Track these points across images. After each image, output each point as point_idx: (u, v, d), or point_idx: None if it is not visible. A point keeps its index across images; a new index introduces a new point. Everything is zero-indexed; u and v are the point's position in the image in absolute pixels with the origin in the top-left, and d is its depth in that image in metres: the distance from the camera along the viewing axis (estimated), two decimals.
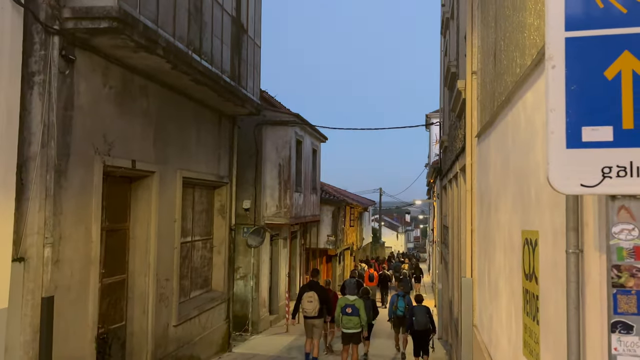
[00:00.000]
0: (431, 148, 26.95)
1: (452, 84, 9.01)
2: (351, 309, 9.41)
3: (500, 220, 4.26)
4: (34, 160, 5.81)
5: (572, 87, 1.70)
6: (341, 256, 25.52)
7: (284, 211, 14.06)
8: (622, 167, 1.64)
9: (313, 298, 9.79)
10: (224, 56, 9.61)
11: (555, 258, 2.47)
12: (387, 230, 60.85)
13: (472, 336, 5.95)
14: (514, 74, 3.63)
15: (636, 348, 1.60)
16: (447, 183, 11.22)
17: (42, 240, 5.83)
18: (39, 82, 5.86)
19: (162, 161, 8.62)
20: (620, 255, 1.63)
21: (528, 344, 3.10)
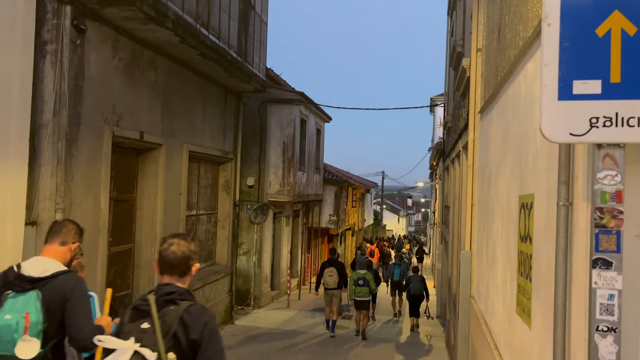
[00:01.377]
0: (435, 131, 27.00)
1: (457, 63, 9.08)
2: (362, 281, 11.27)
3: (499, 190, 4.40)
4: (46, 128, 5.96)
5: (566, 43, 1.83)
6: (342, 236, 25.76)
7: (287, 189, 14.22)
8: (608, 118, 1.78)
9: (333, 272, 11.24)
10: (231, 31, 9.69)
11: (549, 216, 2.62)
12: (388, 214, 61.15)
13: (469, 307, 6.14)
14: (517, 47, 3.74)
15: (614, 282, 1.76)
16: (450, 163, 11.35)
17: (53, 206, 6.00)
18: (51, 51, 5.97)
19: (169, 134, 8.77)
20: (604, 199, 1.78)
21: (521, 302, 3.27)
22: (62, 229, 3.04)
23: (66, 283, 2.78)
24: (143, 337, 2.23)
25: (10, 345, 2.60)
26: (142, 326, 2.27)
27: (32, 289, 2.74)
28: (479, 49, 6.13)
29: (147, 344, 2.21)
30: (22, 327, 2.62)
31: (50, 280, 2.77)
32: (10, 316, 2.63)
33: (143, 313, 2.33)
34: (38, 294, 2.72)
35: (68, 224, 3.11)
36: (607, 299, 1.76)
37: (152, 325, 2.26)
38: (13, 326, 2.60)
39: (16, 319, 2.62)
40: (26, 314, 2.64)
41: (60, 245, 2.97)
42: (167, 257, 2.42)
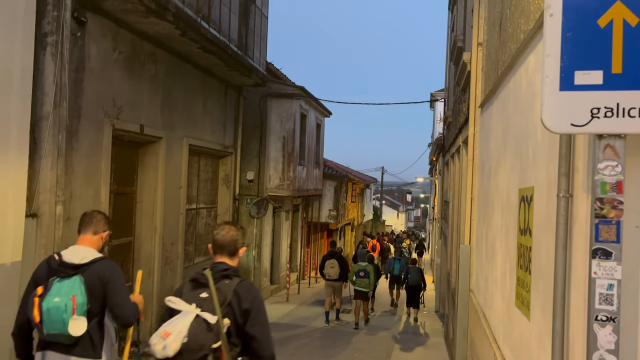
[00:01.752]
0: (435, 127, 26.99)
1: (458, 58, 9.08)
2: (363, 272, 11.84)
3: (499, 184, 4.41)
4: (47, 120, 5.95)
5: (568, 34, 1.83)
6: (342, 231, 25.78)
7: (286, 184, 14.22)
8: (609, 108, 1.79)
9: (334, 264, 11.84)
10: (232, 25, 9.67)
11: (549, 208, 2.63)
12: (388, 209, 61.18)
13: (469, 300, 6.16)
14: (518, 40, 3.74)
15: (613, 272, 1.77)
16: (450, 158, 11.36)
17: (54, 198, 6.01)
18: (52, 43, 5.96)
19: (169, 128, 8.77)
20: (604, 189, 1.79)
21: (520, 295, 3.29)
22: (92, 220, 3.36)
23: (104, 269, 3.16)
24: (203, 304, 2.63)
25: (61, 324, 2.94)
26: (201, 295, 2.66)
27: (75, 274, 3.08)
28: (479, 43, 6.13)
29: (206, 309, 2.60)
30: (70, 308, 2.96)
31: (90, 266, 3.13)
32: (59, 299, 2.96)
33: (200, 284, 2.73)
34: (81, 278, 3.07)
35: (97, 215, 3.42)
36: (606, 289, 1.77)
37: (210, 295, 2.65)
38: (62, 307, 2.94)
39: (64, 301, 2.96)
40: (72, 296, 2.98)
41: (93, 235, 3.31)
42: (219, 240, 2.84)
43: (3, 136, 5.40)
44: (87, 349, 3.08)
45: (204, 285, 2.71)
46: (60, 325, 2.94)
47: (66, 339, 3.00)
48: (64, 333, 2.96)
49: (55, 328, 2.96)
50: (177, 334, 2.54)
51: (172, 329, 2.56)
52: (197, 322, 2.57)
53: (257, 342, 2.66)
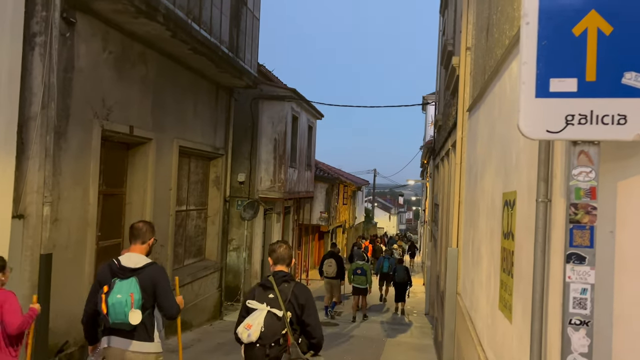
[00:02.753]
0: (426, 130, 27.08)
1: (447, 62, 9.13)
2: (360, 270, 13.25)
3: (484, 188, 4.45)
4: (35, 121, 5.93)
5: (543, 42, 1.86)
6: (333, 233, 25.81)
7: (278, 186, 14.23)
8: (583, 115, 1.82)
9: (332, 263, 13.00)
10: (223, 27, 9.67)
11: (530, 213, 2.66)
12: (379, 211, 61.28)
13: (456, 303, 6.20)
14: (503, 45, 3.78)
15: (587, 276, 1.80)
16: (440, 161, 11.42)
17: (41, 199, 5.98)
18: (40, 43, 5.94)
19: (159, 129, 8.75)
20: (578, 195, 1.82)
21: (503, 298, 3.32)
22: (139, 232, 4.05)
23: (154, 272, 3.91)
24: (271, 302, 3.63)
25: (123, 315, 3.72)
26: (270, 296, 3.67)
27: (132, 276, 3.83)
28: (468, 47, 6.18)
29: (274, 306, 3.62)
30: (130, 303, 3.71)
31: (142, 270, 3.88)
32: (121, 296, 3.73)
33: (267, 288, 3.73)
34: (136, 279, 3.81)
35: (142, 226, 4.11)
36: (580, 293, 1.80)
37: (275, 295, 3.65)
38: (123, 302, 3.70)
39: (125, 298, 3.72)
40: (131, 294, 3.74)
41: (142, 244, 4.02)
42: (280, 254, 3.88)
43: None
44: (142, 333, 3.86)
45: (270, 288, 3.72)
46: (123, 316, 3.71)
47: (127, 326, 3.77)
48: (125, 322, 3.72)
49: (119, 318, 3.72)
50: (256, 325, 3.54)
51: (252, 322, 3.56)
52: (270, 315, 3.58)
53: (311, 327, 3.69)
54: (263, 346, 3.54)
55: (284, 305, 3.61)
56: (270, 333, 3.54)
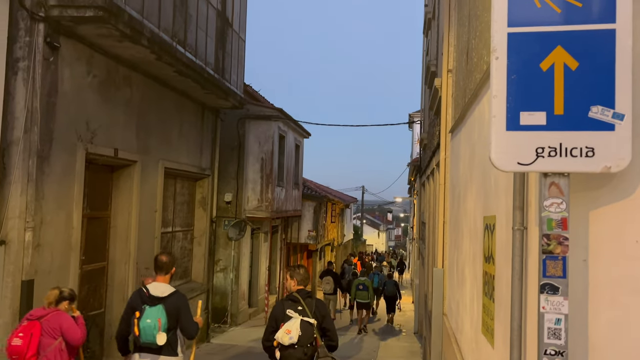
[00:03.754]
0: (413, 147, 27.26)
1: (431, 82, 9.25)
2: (362, 286, 14.34)
3: (467, 210, 4.48)
4: (17, 145, 5.90)
5: (513, 76, 1.91)
6: (322, 252, 25.71)
7: (265, 205, 14.19)
8: (553, 148, 1.86)
9: (330, 281, 14.67)
10: (208, 49, 9.73)
11: (508, 238, 2.69)
12: (368, 228, 61.24)
13: (442, 324, 6.19)
14: (482, 70, 3.84)
15: (560, 307, 1.81)
16: (426, 179, 11.49)
17: (23, 224, 5.92)
18: (24, 68, 5.94)
19: (144, 151, 8.72)
20: (550, 226, 1.85)
21: (485, 322, 3.33)
22: (164, 265, 4.76)
23: (177, 300, 4.62)
24: (301, 312, 4.51)
25: (152, 337, 4.44)
26: (298, 308, 4.54)
27: (159, 304, 4.53)
28: (449, 70, 6.27)
29: (305, 316, 4.48)
30: (157, 326, 4.43)
31: (168, 298, 4.58)
32: (150, 320, 4.46)
33: (295, 301, 4.59)
34: (163, 306, 4.52)
35: (166, 260, 4.80)
36: (554, 323, 1.82)
37: (303, 308, 4.53)
38: (152, 326, 4.43)
39: (153, 322, 4.45)
40: (158, 319, 4.46)
41: (165, 274, 4.75)
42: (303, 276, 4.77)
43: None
44: (168, 350, 4.57)
45: (298, 301, 4.60)
46: (152, 337, 4.45)
47: (155, 345, 4.49)
48: (153, 342, 4.46)
49: (148, 339, 4.46)
50: (295, 330, 4.40)
51: (291, 328, 4.41)
52: (304, 323, 4.45)
53: (330, 332, 4.62)
54: (301, 347, 4.40)
55: (313, 314, 4.52)
56: (306, 337, 4.42)
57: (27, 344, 4.51)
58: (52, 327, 4.66)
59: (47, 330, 4.64)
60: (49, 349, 4.59)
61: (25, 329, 4.60)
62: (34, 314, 4.75)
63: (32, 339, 4.53)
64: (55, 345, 4.62)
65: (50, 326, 4.65)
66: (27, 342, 4.52)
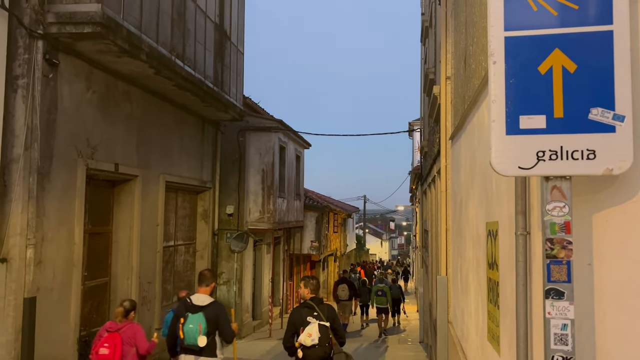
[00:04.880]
0: (414, 155, 27.26)
1: (430, 90, 9.26)
2: (381, 292, 15.56)
3: (469, 216, 4.46)
4: (17, 163, 5.90)
5: (511, 80, 1.90)
6: (325, 262, 25.62)
7: (267, 216, 14.16)
8: (553, 151, 1.84)
9: (345, 288, 15.44)
10: (207, 62, 9.76)
11: (511, 244, 2.67)
12: (371, 237, 61.05)
13: (447, 332, 6.14)
14: (480, 76, 3.84)
15: (566, 312, 1.79)
16: (427, 187, 11.46)
17: (24, 242, 5.91)
18: (23, 85, 5.96)
19: (145, 165, 8.72)
20: (553, 230, 1.83)
21: (491, 329, 3.29)
22: (205, 278, 5.45)
23: (216, 309, 5.29)
24: (317, 317, 5.24)
25: (194, 340, 5.14)
26: (314, 313, 5.27)
27: (200, 312, 5.21)
28: (448, 77, 6.28)
29: (320, 320, 5.21)
30: (198, 331, 5.13)
31: (208, 306, 5.26)
32: (192, 326, 5.16)
33: (310, 308, 5.33)
34: (203, 314, 5.20)
35: (207, 274, 5.55)
36: (560, 329, 1.79)
37: (318, 313, 5.27)
38: (194, 330, 5.14)
39: (195, 327, 5.15)
40: (199, 324, 5.15)
41: (206, 287, 5.41)
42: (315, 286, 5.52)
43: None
44: (208, 351, 5.20)
45: (312, 308, 5.34)
46: (194, 340, 5.15)
47: (196, 347, 5.17)
48: (195, 344, 5.16)
49: (191, 342, 5.17)
50: (315, 333, 5.16)
51: (311, 331, 5.16)
52: (321, 326, 5.21)
53: (339, 331, 5.41)
54: (321, 346, 5.19)
55: (324, 318, 5.28)
56: (324, 337, 5.20)
57: (112, 352, 5.31)
58: (128, 337, 5.46)
59: (126, 339, 5.43)
60: (128, 355, 5.42)
61: (109, 340, 5.37)
62: (112, 327, 5.48)
63: (116, 348, 5.33)
64: (133, 352, 5.45)
65: (127, 336, 5.45)
66: (113, 351, 5.32)
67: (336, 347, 5.34)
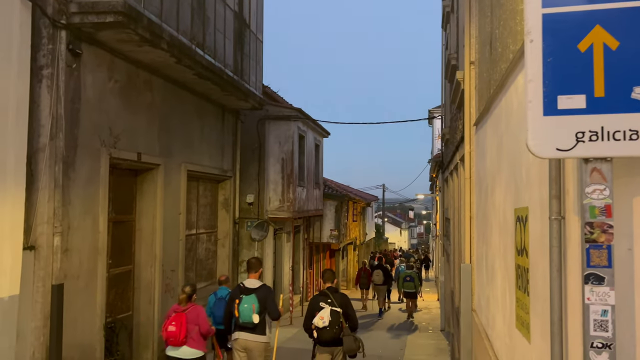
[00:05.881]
0: (434, 143, 27.01)
1: (452, 76, 9.12)
2: (409, 277, 16.79)
3: (495, 203, 4.39)
4: (43, 152, 5.98)
5: (549, 59, 1.83)
6: (344, 251, 25.65)
7: (287, 205, 14.20)
8: (594, 132, 1.78)
9: (380, 274, 17.18)
10: (227, 51, 9.76)
11: (543, 229, 2.61)
12: (390, 226, 60.93)
13: (471, 320, 6.09)
14: (508, 60, 3.75)
15: (607, 297, 1.74)
16: (449, 175, 11.35)
17: (51, 230, 6.00)
18: (47, 75, 6.02)
19: (166, 154, 8.78)
20: (593, 214, 1.77)
21: (520, 317, 3.24)
22: (254, 266, 6.41)
23: (265, 291, 6.18)
24: (330, 304, 6.03)
25: (248, 318, 5.99)
26: (328, 300, 6.07)
27: (252, 293, 6.08)
28: (472, 62, 6.16)
29: (333, 306, 6.00)
30: (252, 310, 5.97)
31: (259, 289, 6.15)
32: (247, 305, 6.01)
33: (325, 295, 6.15)
34: (255, 295, 6.06)
35: (256, 262, 6.49)
36: (600, 315, 1.74)
37: (332, 300, 6.07)
38: (249, 310, 5.99)
39: (249, 307, 5.99)
40: (252, 304, 6.00)
41: (255, 272, 6.35)
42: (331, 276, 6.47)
43: (0, 169, 5.42)
44: (260, 329, 6.08)
45: (327, 296, 6.18)
46: (248, 317, 6.00)
47: (250, 324, 6.03)
48: (250, 322, 6.01)
49: (246, 320, 6.03)
50: (326, 316, 6.00)
51: (324, 315, 6.01)
52: (333, 311, 6.03)
53: (351, 317, 6.21)
54: (331, 328, 5.99)
55: (338, 305, 6.07)
56: (334, 321, 6.00)
57: (179, 330, 6.08)
58: (193, 317, 6.20)
59: (190, 319, 6.16)
60: (192, 332, 6.17)
61: (176, 319, 6.14)
62: (177, 309, 6.26)
63: (182, 326, 6.08)
64: (196, 330, 6.21)
65: (192, 316, 6.19)
66: (179, 328, 6.08)
67: (346, 330, 6.05)
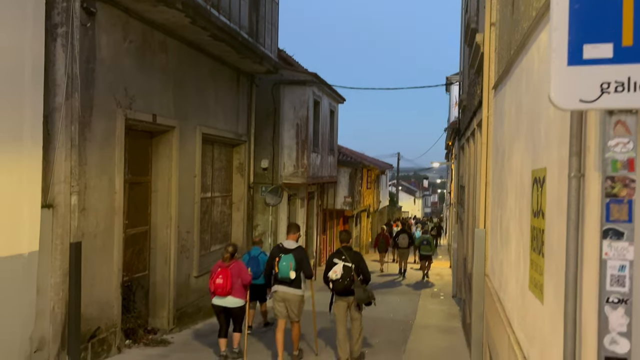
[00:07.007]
0: (451, 111, 26.64)
1: (471, 40, 8.91)
2: (426, 241, 18.21)
3: (512, 166, 4.33)
4: (59, 112, 6.00)
5: (575, 5, 1.75)
6: (358, 218, 25.74)
7: (301, 171, 14.20)
8: (620, 83, 1.71)
9: (405, 238, 18.63)
10: (242, 12, 9.61)
11: (560, 190, 2.56)
12: (404, 195, 60.85)
13: (484, 285, 6.10)
14: (530, 17, 3.63)
15: (625, 253, 1.71)
16: (465, 142, 11.22)
17: (68, 189, 6.08)
18: (62, 34, 5.99)
19: (181, 116, 8.78)
20: (615, 167, 1.72)
21: (533, 278, 3.23)
22: (292, 229, 7.18)
23: (300, 251, 6.90)
24: (343, 260, 6.92)
25: (286, 274, 6.70)
26: (342, 257, 6.96)
27: (290, 253, 6.80)
28: (492, 23, 5.99)
29: (346, 262, 6.89)
30: (289, 267, 6.69)
31: (295, 249, 6.86)
32: (285, 263, 6.72)
33: (341, 253, 7.03)
34: (292, 254, 6.78)
35: (294, 225, 7.32)
36: (618, 270, 1.72)
37: (346, 256, 6.95)
38: (287, 266, 6.70)
39: (287, 264, 6.71)
40: (290, 262, 6.71)
41: (293, 234, 7.09)
42: (346, 237, 7.41)
43: (17, 128, 5.46)
44: (296, 283, 6.83)
45: (342, 253, 6.99)
46: (286, 274, 6.70)
47: (288, 279, 6.75)
48: (287, 277, 6.71)
49: (284, 275, 6.73)
50: (339, 270, 6.79)
51: (337, 269, 6.81)
52: (345, 266, 6.82)
53: (363, 271, 6.97)
54: (343, 280, 6.80)
55: (351, 261, 6.86)
56: (346, 274, 6.81)
57: (226, 282, 6.84)
58: (236, 271, 6.98)
59: (234, 273, 6.94)
60: (236, 284, 6.95)
61: (222, 273, 6.90)
62: (222, 265, 7.01)
63: (227, 279, 6.85)
64: (239, 282, 7.00)
65: (235, 270, 6.97)
66: (226, 281, 6.84)
67: (356, 282, 6.82)
